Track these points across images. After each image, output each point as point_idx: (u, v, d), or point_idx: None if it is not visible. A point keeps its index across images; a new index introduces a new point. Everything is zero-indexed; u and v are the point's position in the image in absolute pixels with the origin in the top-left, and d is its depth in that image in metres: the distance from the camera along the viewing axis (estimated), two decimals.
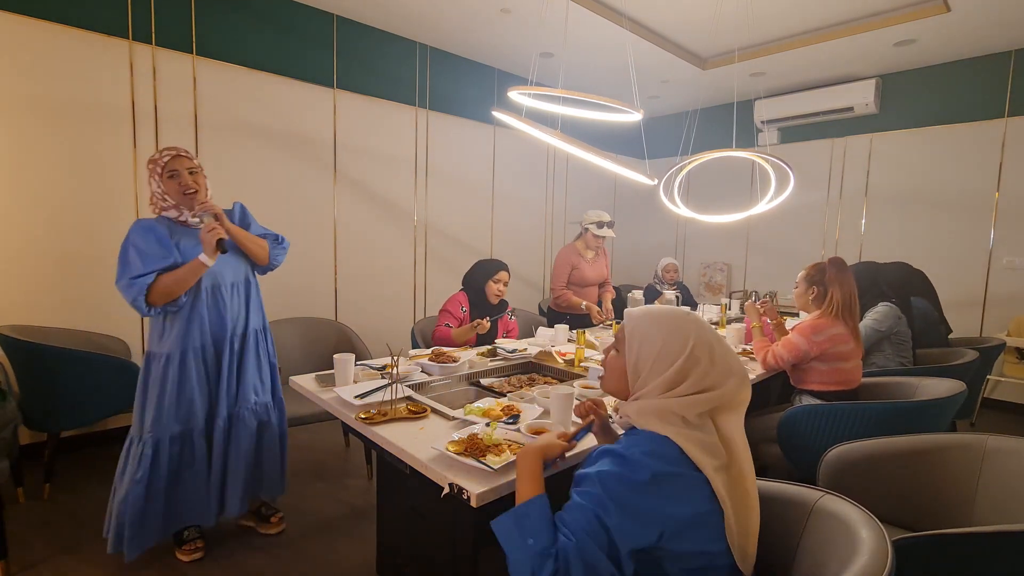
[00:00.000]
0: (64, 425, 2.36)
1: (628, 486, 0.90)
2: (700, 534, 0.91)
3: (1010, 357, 3.86)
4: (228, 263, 1.94)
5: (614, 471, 0.91)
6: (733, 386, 0.99)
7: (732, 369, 1.00)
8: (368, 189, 3.90)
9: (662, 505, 0.89)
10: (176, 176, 1.82)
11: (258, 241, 1.98)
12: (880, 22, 3.50)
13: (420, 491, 1.55)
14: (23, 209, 2.63)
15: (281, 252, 2.06)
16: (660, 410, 0.96)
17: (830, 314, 2.17)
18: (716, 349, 1.00)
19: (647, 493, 0.89)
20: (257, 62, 3.31)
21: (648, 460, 0.91)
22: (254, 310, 2.04)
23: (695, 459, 0.92)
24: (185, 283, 1.80)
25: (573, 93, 2.06)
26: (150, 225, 1.82)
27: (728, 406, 0.99)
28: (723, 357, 1.00)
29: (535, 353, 2.35)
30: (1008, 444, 1.39)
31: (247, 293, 2.02)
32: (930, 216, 4.29)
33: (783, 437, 1.99)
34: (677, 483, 0.91)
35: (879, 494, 1.49)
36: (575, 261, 3.43)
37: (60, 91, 2.69)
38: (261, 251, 1.99)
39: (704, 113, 5.43)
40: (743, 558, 0.94)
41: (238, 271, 1.98)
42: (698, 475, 0.91)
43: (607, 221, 3.40)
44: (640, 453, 0.92)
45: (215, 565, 1.96)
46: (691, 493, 0.91)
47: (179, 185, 1.82)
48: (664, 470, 0.90)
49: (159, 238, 1.80)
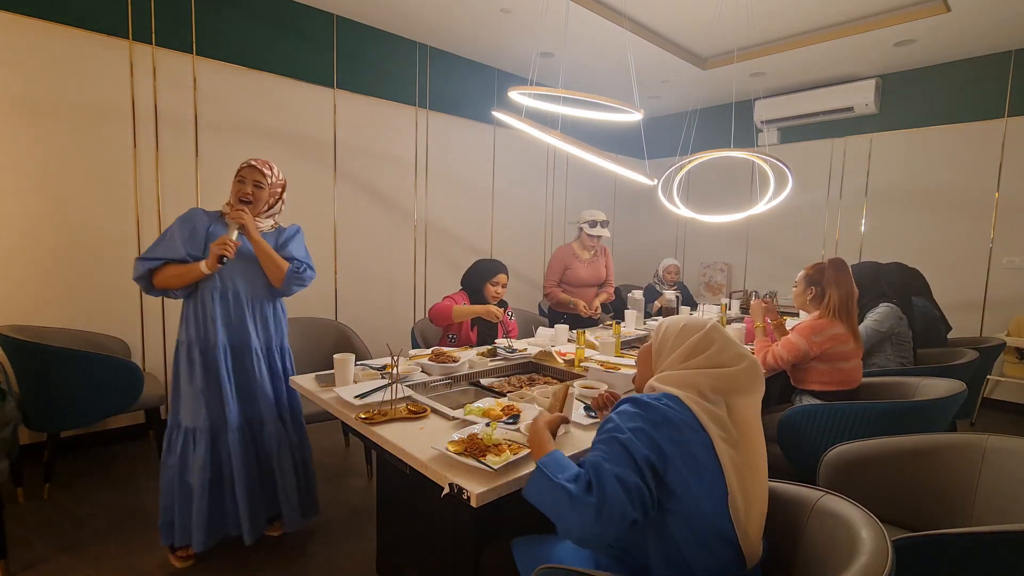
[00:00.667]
0: (64, 425, 2.36)
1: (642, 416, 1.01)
2: (701, 489, 0.97)
3: (1010, 357, 3.86)
4: (243, 274, 1.93)
5: (630, 409, 1.03)
6: (745, 368, 1.10)
7: (744, 354, 1.12)
8: (368, 189, 3.90)
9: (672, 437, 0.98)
10: (242, 182, 1.92)
11: (279, 263, 1.94)
12: (880, 22, 3.50)
13: (420, 491, 1.56)
14: (23, 209, 2.63)
15: (296, 281, 1.99)
16: (678, 378, 1.09)
17: (828, 314, 2.18)
18: (730, 339, 1.14)
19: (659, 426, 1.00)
20: (257, 62, 3.31)
21: (661, 406, 1.02)
22: (266, 327, 2.01)
23: (703, 422, 1.01)
24: (182, 280, 1.84)
25: (573, 93, 2.06)
26: (194, 215, 1.91)
27: (741, 389, 1.08)
28: (736, 345, 1.13)
29: (535, 353, 2.35)
30: (1008, 444, 1.39)
31: (258, 309, 1.98)
32: (930, 216, 4.29)
33: (783, 437, 1.99)
34: (685, 432, 1.00)
35: (879, 494, 1.49)
36: (569, 261, 3.44)
37: (60, 91, 2.69)
38: (277, 272, 1.94)
39: (704, 113, 5.43)
40: (745, 538, 0.97)
41: (252, 285, 1.96)
42: (704, 436, 1.00)
43: (600, 220, 3.39)
44: (654, 399, 1.04)
45: (215, 565, 1.96)
46: (697, 447, 0.99)
47: (239, 190, 1.92)
48: (676, 416, 1.01)
49: (194, 230, 1.88)
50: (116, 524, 2.19)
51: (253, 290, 1.97)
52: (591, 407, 1.44)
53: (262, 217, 1.99)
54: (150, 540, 2.09)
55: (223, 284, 1.90)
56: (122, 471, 2.67)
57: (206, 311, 1.88)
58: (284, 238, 2.04)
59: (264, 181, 1.94)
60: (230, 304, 1.92)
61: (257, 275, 1.97)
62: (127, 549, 2.03)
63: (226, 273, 1.90)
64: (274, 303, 2.05)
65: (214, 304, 1.88)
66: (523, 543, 1.24)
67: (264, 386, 1.98)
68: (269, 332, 2.02)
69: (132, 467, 2.72)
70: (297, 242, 2.07)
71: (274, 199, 2.02)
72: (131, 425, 3.01)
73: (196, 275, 1.83)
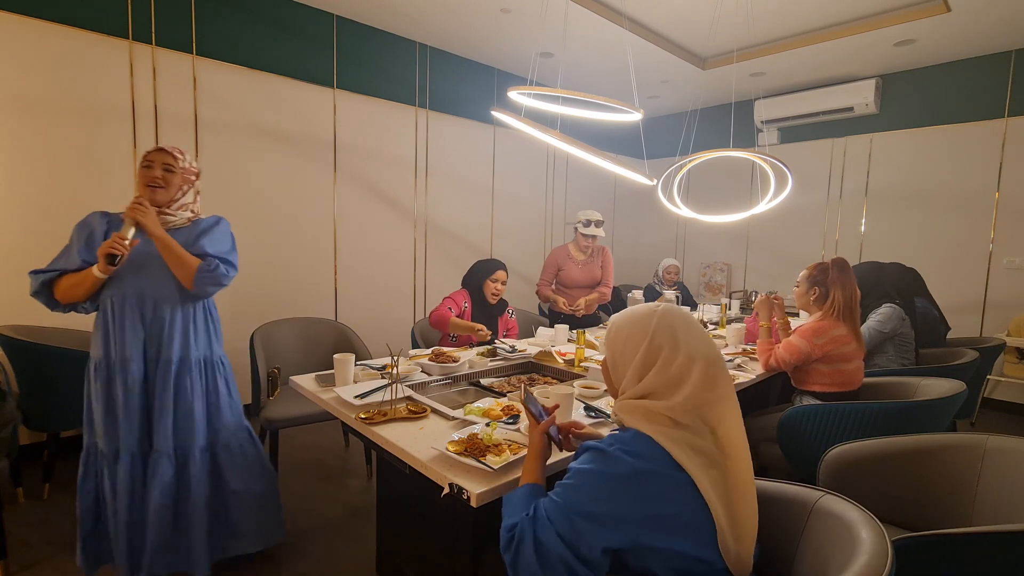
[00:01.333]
0: (64, 425, 2.36)
1: (605, 483, 0.89)
2: (685, 536, 0.89)
3: (1010, 357, 3.86)
4: (152, 279, 1.69)
5: (593, 468, 0.92)
6: (699, 376, 0.95)
7: (696, 353, 0.97)
8: (368, 189, 3.90)
9: (640, 505, 0.88)
10: (149, 167, 1.68)
11: (184, 260, 1.67)
12: (880, 22, 3.50)
13: (420, 491, 1.56)
14: (23, 209, 2.63)
15: (208, 279, 1.69)
16: (647, 410, 0.95)
17: (831, 315, 2.17)
18: (680, 333, 0.99)
19: (624, 491, 0.89)
20: (257, 62, 3.31)
21: (628, 458, 0.90)
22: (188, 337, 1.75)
23: (680, 460, 0.90)
24: (79, 289, 1.64)
25: (573, 93, 2.06)
26: (89, 219, 1.71)
27: (705, 402, 0.94)
28: (688, 341, 0.99)
29: (535, 353, 2.35)
30: (1008, 444, 1.39)
31: (177, 318, 1.72)
32: (930, 216, 4.29)
33: (783, 437, 1.99)
34: (658, 482, 0.89)
35: (879, 494, 1.49)
36: (562, 262, 3.44)
37: (60, 91, 2.69)
38: (183, 271, 1.67)
39: (704, 113, 5.43)
40: (737, 563, 0.92)
41: (167, 290, 1.71)
42: (683, 476, 0.90)
43: (595, 220, 3.35)
44: (620, 451, 0.91)
45: (215, 564, 1.96)
46: (674, 493, 0.89)
47: (147, 175, 1.67)
48: (644, 468, 0.89)
49: (92, 234, 1.67)
50: None
51: (167, 295, 1.70)
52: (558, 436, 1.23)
53: (173, 208, 1.74)
54: None
55: (129, 291, 1.67)
56: None
57: (113, 324, 1.66)
58: (199, 231, 1.77)
59: (175, 165, 1.71)
60: (138, 313, 1.67)
61: (164, 277, 1.71)
62: None
63: (132, 278, 1.67)
64: (196, 309, 1.78)
65: (122, 315, 1.66)
66: None
67: (189, 407, 1.74)
68: (191, 343, 1.76)
69: None
70: (214, 236, 1.78)
71: (188, 185, 1.77)
72: None
73: (92, 281, 1.61)
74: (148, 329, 1.69)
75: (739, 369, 2.29)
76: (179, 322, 1.73)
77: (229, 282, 1.78)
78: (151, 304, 1.69)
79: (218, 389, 1.82)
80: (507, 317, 2.90)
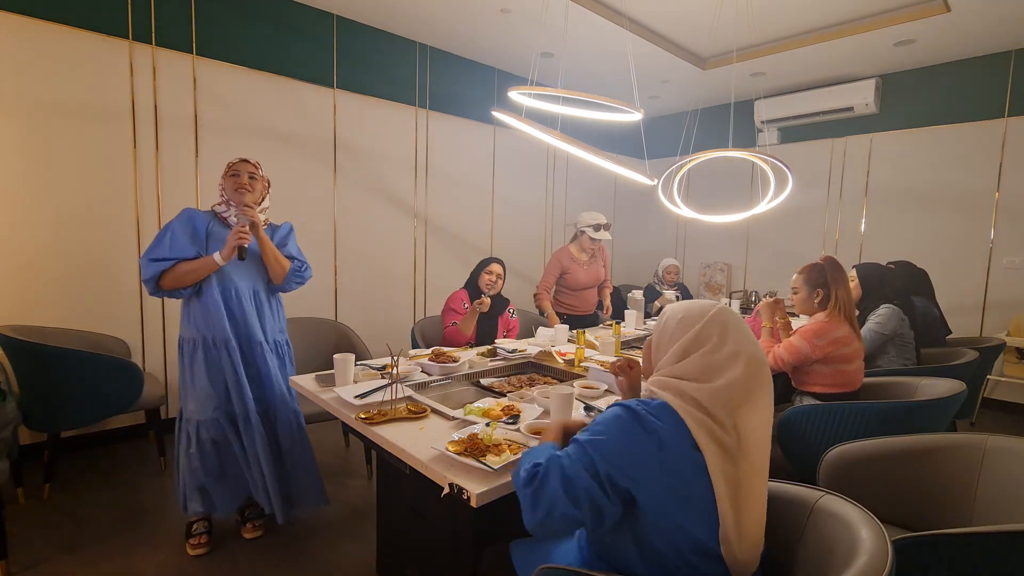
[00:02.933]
0: (64, 425, 2.36)
1: (628, 436, 0.94)
2: (689, 512, 0.91)
3: (1010, 357, 3.86)
4: (243, 271, 1.99)
5: (620, 419, 0.96)
6: (741, 371, 0.97)
7: (741, 352, 0.99)
8: (368, 189, 3.90)
9: (656, 469, 0.91)
10: (237, 176, 1.95)
11: (282, 261, 2.03)
12: (880, 22, 3.50)
13: (420, 491, 1.56)
14: (23, 209, 2.63)
15: (297, 280, 2.10)
16: (679, 389, 0.97)
17: (837, 315, 2.16)
18: (731, 331, 1.01)
19: (645, 449, 0.92)
20: (257, 62, 3.31)
21: (653, 419, 0.93)
22: (266, 321, 2.07)
23: (698, 440, 0.92)
24: (195, 275, 1.88)
25: (573, 93, 2.06)
26: (193, 215, 1.95)
27: (738, 400, 0.95)
28: (736, 340, 1.00)
29: (535, 353, 2.35)
30: (1008, 444, 1.39)
31: (257, 304, 2.05)
32: (930, 216, 4.29)
33: (783, 437, 1.99)
34: (675, 453, 0.92)
35: (879, 494, 1.49)
36: (566, 265, 3.42)
37: (60, 91, 2.69)
38: (280, 270, 2.03)
39: (704, 113, 5.43)
40: (735, 562, 0.92)
41: (253, 281, 2.03)
42: (698, 455, 0.92)
43: (603, 224, 3.37)
44: (647, 411, 0.95)
45: (216, 564, 1.96)
46: (687, 469, 0.92)
47: (236, 182, 1.95)
48: (666, 435, 0.92)
49: (195, 229, 1.92)
50: (116, 524, 2.19)
51: (254, 286, 2.03)
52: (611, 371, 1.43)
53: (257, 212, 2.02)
54: (150, 540, 2.09)
55: (225, 282, 1.95)
56: (122, 471, 2.67)
57: (212, 307, 1.92)
58: (280, 236, 2.11)
59: (257, 173, 2.00)
60: (233, 300, 1.96)
61: (256, 272, 2.03)
62: (127, 549, 2.03)
63: (226, 271, 1.95)
64: (272, 298, 2.12)
65: (218, 300, 1.92)
66: (521, 545, 1.24)
67: (274, 378, 2.05)
68: (272, 326, 2.09)
69: (132, 467, 2.72)
70: (293, 240, 2.14)
71: (266, 192, 2.08)
72: (131, 425, 3.01)
73: (210, 268, 1.89)
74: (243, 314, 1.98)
75: None
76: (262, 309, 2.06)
77: (307, 281, 2.15)
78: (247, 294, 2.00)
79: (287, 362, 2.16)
80: (508, 316, 2.90)
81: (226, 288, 1.95)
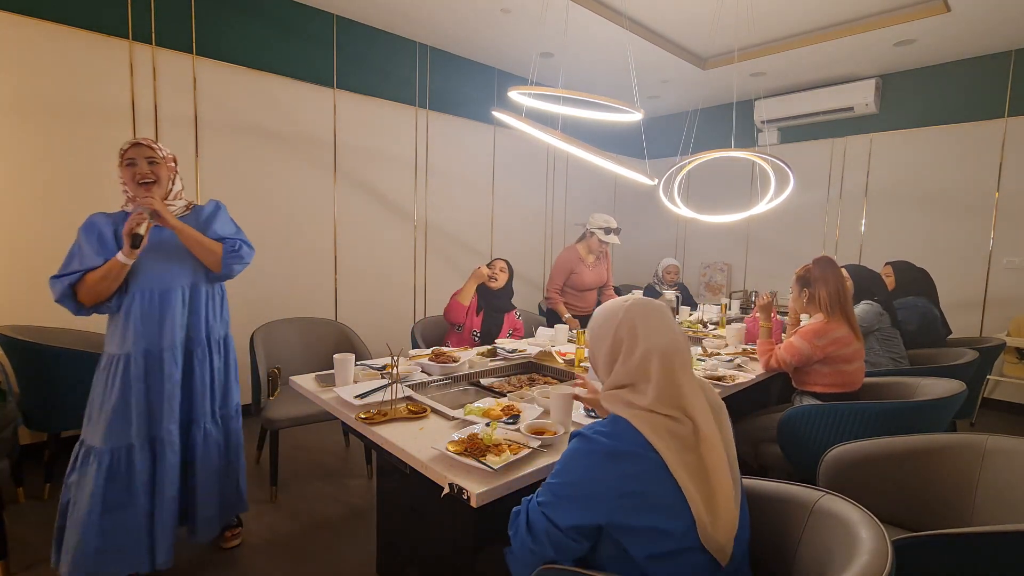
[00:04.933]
0: (64, 425, 2.36)
1: (581, 462, 0.97)
2: (658, 516, 0.92)
3: (1010, 357, 3.86)
4: (174, 269, 1.75)
5: (574, 450, 0.99)
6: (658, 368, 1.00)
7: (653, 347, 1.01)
8: (368, 189, 3.90)
9: (614, 482, 0.93)
10: (133, 164, 1.71)
11: (208, 245, 1.76)
12: (880, 22, 3.50)
13: (420, 491, 1.56)
14: (22, 209, 2.63)
15: (235, 260, 1.80)
16: (627, 400, 1.01)
17: (825, 313, 2.17)
18: (639, 329, 1.03)
19: (599, 468, 0.95)
20: (257, 62, 3.31)
21: (603, 439, 0.96)
22: (206, 319, 1.83)
23: (652, 441, 0.94)
24: (107, 282, 1.64)
25: (573, 93, 2.06)
26: (96, 221, 1.72)
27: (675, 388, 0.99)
28: (645, 336, 1.03)
29: (535, 353, 2.35)
30: (1008, 444, 1.39)
31: (195, 300, 1.80)
32: (930, 216, 4.29)
33: (783, 437, 1.99)
34: (632, 462, 0.94)
35: (879, 494, 1.49)
36: (574, 266, 3.42)
37: (60, 91, 2.69)
38: (210, 256, 1.76)
39: (704, 113, 5.43)
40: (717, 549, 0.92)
41: (183, 276, 1.77)
42: (656, 457, 0.94)
43: (614, 228, 3.37)
44: (597, 432, 0.98)
45: (215, 564, 1.96)
46: (648, 474, 0.93)
47: (134, 174, 1.71)
48: (618, 448, 0.95)
49: (101, 235, 1.69)
50: None
51: (191, 283, 1.79)
52: None
53: (171, 199, 1.79)
54: None
55: (149, 282, 1.71)
56: None
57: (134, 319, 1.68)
58: (205, 217, 1.84)
59: (156, 156, 1.73)
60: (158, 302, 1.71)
61: (191, 267, 1.78)
62: None
63: (150, 270, 1.71)
64: (215, 292, 1.88)
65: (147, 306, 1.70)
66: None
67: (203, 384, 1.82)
68: (215, 323, 1.87)
69: None
70: (222, 219, 1.88)
71: (173, 174, 1.81)
72: None
73: (118, 270, 1.64)
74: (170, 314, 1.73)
75: (739, 369, 2.29)
76: (202, 305, 1.82)
77: (251, 260, 1.88)
78: (191, 290, 1.79)
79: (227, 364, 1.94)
80: (514, 316, 2.94)
81: (152, 293, 1.70)
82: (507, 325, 2.88)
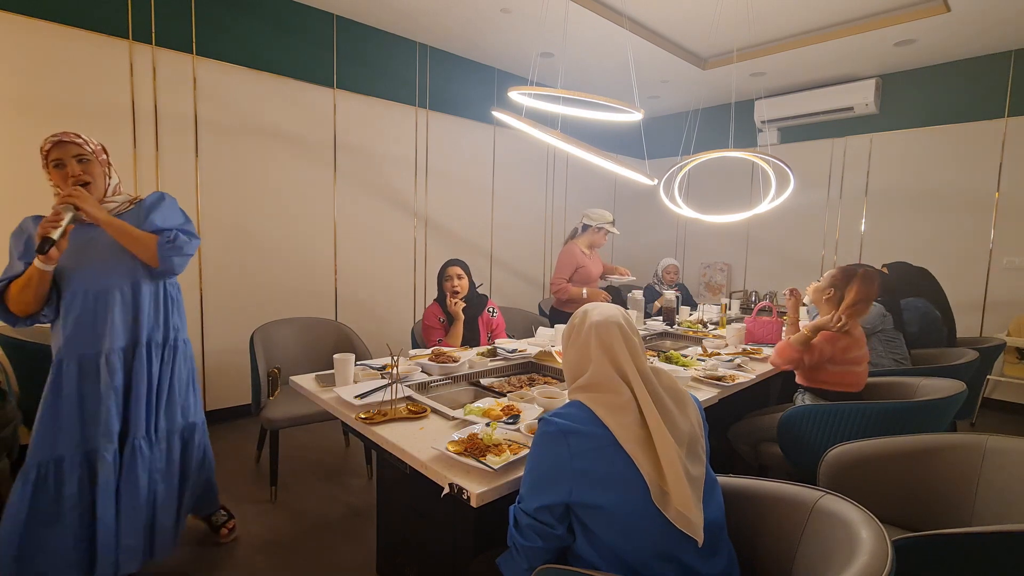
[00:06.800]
0: None
1: (539, 444, 1.04)
2: (615, 492, 0.98)
3: (1010, 357, 3.86)
4: (111, 268, 1.62)
5: (536, 435, 1.07)
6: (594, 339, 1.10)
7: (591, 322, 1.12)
8: (368, 189, 3.90)
9: (569, 461, 0.99)
10: (61, 166, 1.57)
11: (139, 238, 1.61)
12: (880, 22, 3.50)
13: (420, 491, 1.56)
14: (22, 209, 2.62)
15: (172, 252, 1.64)
16: (581, 385, 1.10)
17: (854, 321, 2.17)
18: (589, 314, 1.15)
19: (554, 448, 1.01)
20: (257, 62, 3.31)
21: (557, 420, 1.04)
22: (151, 320, 1.69)
23: (601, 417, 1.02)
24: (31, 289, 1.52)
25: (573, 93, 2.05)
26: (23, 225, 1.62)
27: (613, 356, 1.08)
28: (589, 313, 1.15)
29: (535, 353, 2.35)
30: (1008, 444, 1.39)
31: (137, 301, 1.66)
32: (930, 216, 4.29)
33: (783, 437, 1.99)
34: (585, 440, 1.00)
35: (879, 494, 1.49)
36: (580, 260, 3.42)
37: (60, 91, 2.69)
38: (144, 251, 1.61)
39: (704, 113, 5.43)
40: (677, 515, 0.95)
41: (121, 274, 1.63)
42: (606, 432, 1.00)
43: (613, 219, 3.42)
44: (553, 416, 1.05)
45: (215, 564, 1.96)
46: (601, 451, 1.00)
47: (64, 175, 1.57)
48: (571, 427, 1.01)
49: (28, 239, 1.58)
50: None
51: (131, 281, 1.65)
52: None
53: (109, 195, 1.67)
54: None
55: (83, 283, 1.59)
56: None
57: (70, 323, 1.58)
58: (144, 210, 1.69)
59: (85, 152, 1.60)
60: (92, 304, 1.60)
61: (122, 262, 1.64)
62: None
63: (84, 270, 1.60)
64: (160, 290, 1.73)
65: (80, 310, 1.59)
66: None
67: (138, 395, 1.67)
68: (161, 323, 1.73)
69: None
70: (163, 210, 1.72)
71: (106, 167, 1.68)
72: None
73: (37, 277, 1.51)
74: (110, 316, 1.61)
75: (739, 369, 2.28)
76: (145, 305, 1.68)
77: (194, 251, 1.73)
78: (131, 289, 1.65)
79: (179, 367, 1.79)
80: (488, 316, 2.77)
81: (86, 295, 1.59)
82: (484, 331, 2.72)
